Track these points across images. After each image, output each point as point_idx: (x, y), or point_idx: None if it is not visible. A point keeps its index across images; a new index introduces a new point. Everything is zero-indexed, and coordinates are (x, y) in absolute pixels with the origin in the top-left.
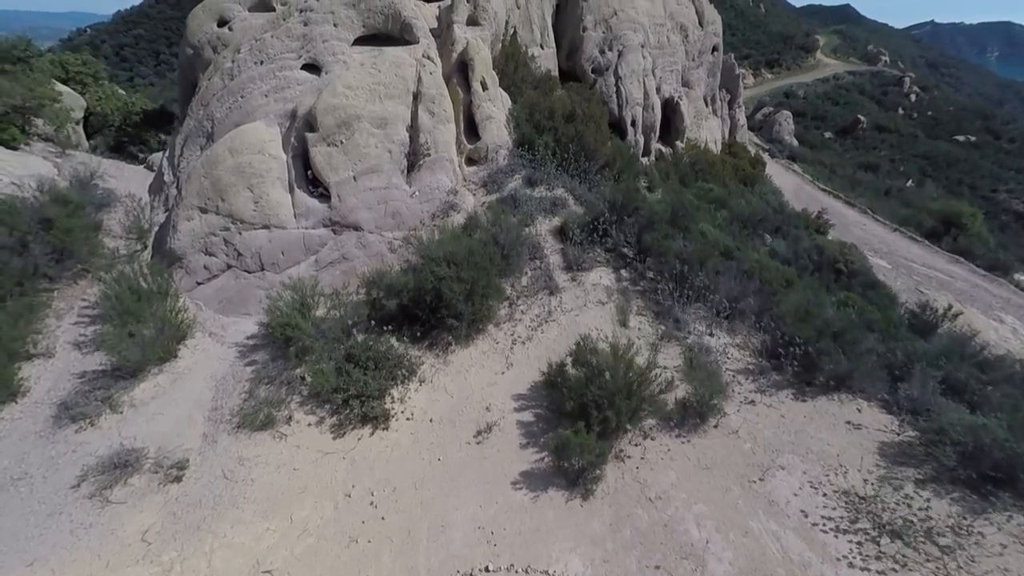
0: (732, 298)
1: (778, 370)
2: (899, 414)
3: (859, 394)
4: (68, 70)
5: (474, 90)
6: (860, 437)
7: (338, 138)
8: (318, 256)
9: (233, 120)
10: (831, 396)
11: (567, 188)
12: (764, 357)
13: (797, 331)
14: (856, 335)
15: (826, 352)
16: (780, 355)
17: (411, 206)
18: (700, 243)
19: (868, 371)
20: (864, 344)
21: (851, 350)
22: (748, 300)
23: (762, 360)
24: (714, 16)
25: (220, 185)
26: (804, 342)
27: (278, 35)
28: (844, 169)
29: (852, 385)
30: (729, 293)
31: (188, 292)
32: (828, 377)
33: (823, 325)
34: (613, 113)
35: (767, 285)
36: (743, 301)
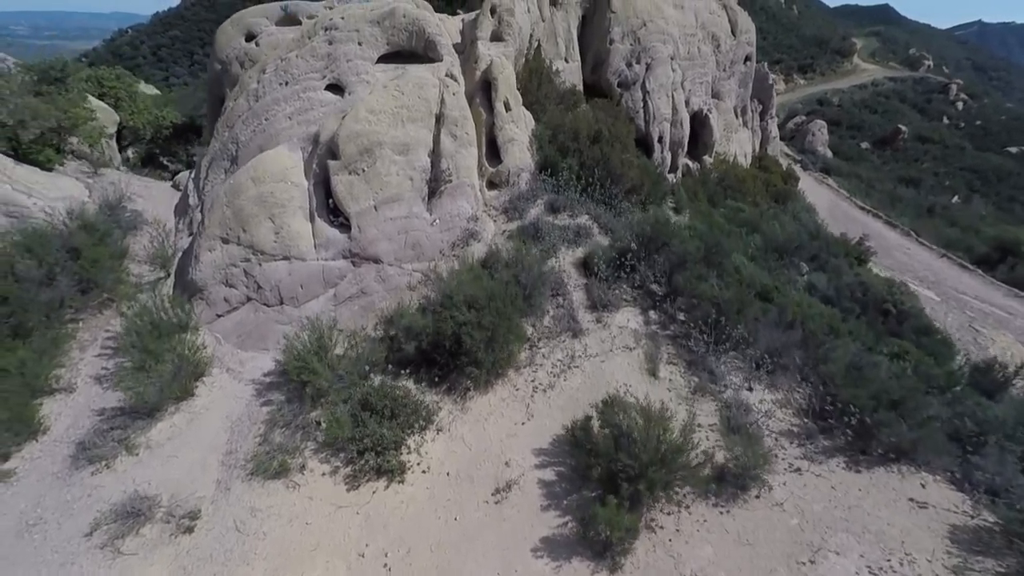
0: (773, 350)
1: (827, 433)
2: (972, 492)
3: (923, 467)
4: (103, 85)
5: (497, 111)
6: (926, 518)
7: (360, 166)
8: (336, 290)
9: (257, 144)
10: (890, 468)
11: (591, 215)
12: (810, 418)
13: (850, 396)
14: (918, 401)
15: (885, 424)
16: (828, 416)
17: (431, 235)
18: (736, 286)
19: (934, 443)
20: (927, 410)
21: (912, 417)
22: (791, 352)
23: (808, 421)
24: (748, 24)
25: (242, 215)
26: (859, 410)
27: (303, 55)
28: (883, 183)
29: (915, 457)
30: (769, 344)
31: (208, 324)
32: (886, 448)
33: (879, 389)
34: (639, 129)
35: (811, 334)
36: (785, 356)
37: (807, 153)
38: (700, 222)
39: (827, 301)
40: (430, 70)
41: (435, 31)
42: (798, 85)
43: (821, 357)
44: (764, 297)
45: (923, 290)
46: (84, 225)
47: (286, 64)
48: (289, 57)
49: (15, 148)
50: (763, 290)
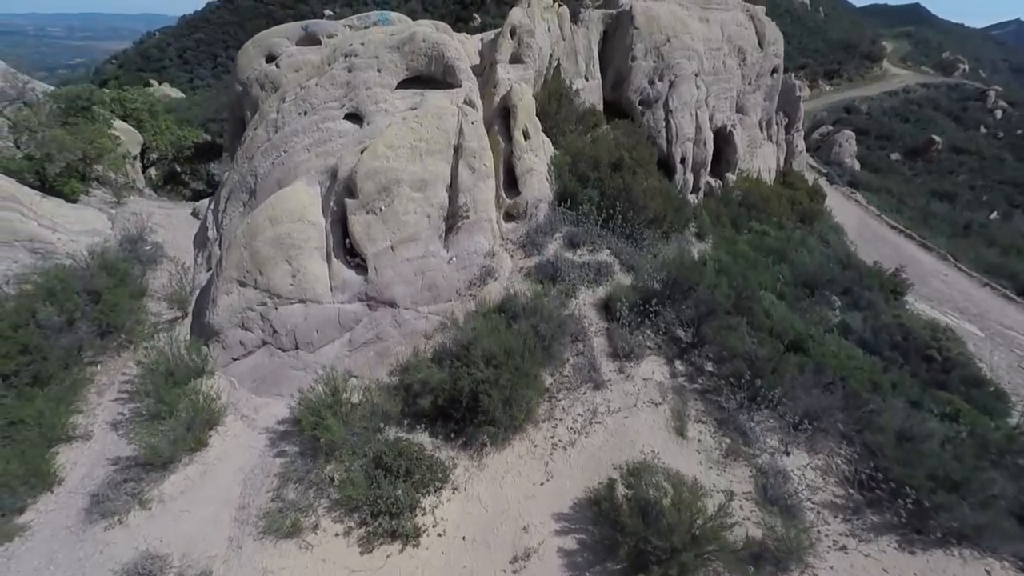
0: (811, 411)
1: (875, 507)
2: None
3: (988, 552)
4: (127, 107)
5: (515, 140)
6: None
7: (378, 205)
8: (352, 335)
9: (275, 177)
10: (950, 551)
11: (612, 250)
12: (856, 488)
13: (904, 475)
14: (980, 480)
15: (945, 508)
16: (876, 486)
17: (448, 275)
18: (770, 342)
19: (1000, 528)
20: (990, 489)
21: (974, 496)
22: (832, 413)
23: (853, 492)
24: (776, 36)
25: (259, 258)
26: (914, 491)
27: (322, 83)
28: (915, 199)
29: (979, 541)
30: (808, 405)
31: (224, 368)
32: (946, 531)
33: (935, 466)
34: (661, 149)
35: (852, 392)
36: (826, 417)
37: (833, 165)
38: (724, 252)
39: (863, 344)
40: (448, 97)
41: (454, 55)
42: (823, 92)
43: (866, 421)
44: (798, 347)
45: (964, 324)
46: (104, 265)
47: (305, 93)
48: (308, 86)
49: (42, 180)
50: (797, 339)
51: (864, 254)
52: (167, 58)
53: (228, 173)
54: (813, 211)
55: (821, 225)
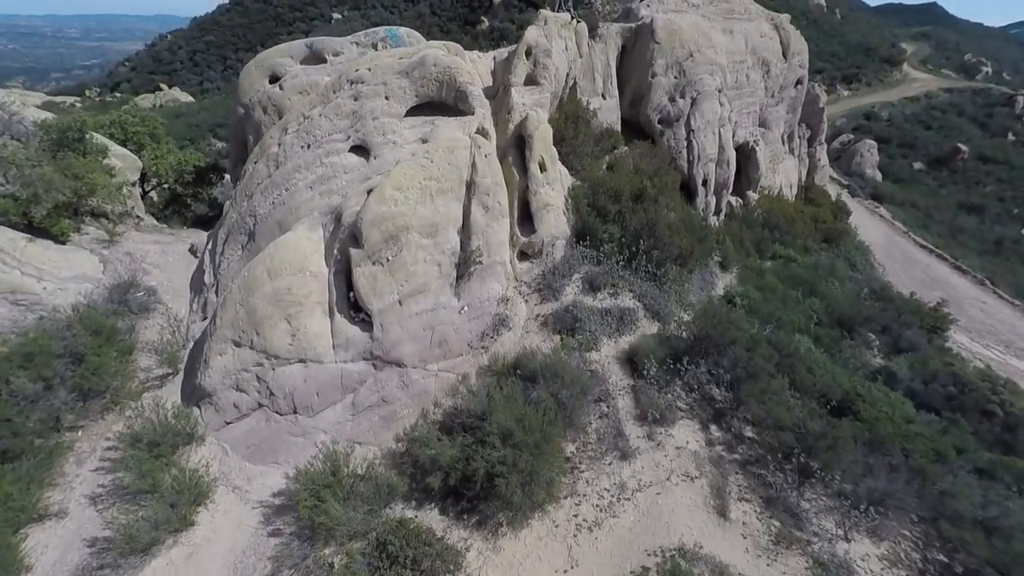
0: (873, 495)
1: None
2: None
3: None
4: (127, 131)
5: (531, 173)
6: None
7: (384, 255)
8: (356, 397)
9: (276, 219)
10: None
11: (636, 294)
12: None
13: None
14: None
15: None
16: None
17: (459, 327)
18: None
19: None
20: None
21: None
22: (895, 491)
23: None
24: (800, 45)
25: (256, 317)
26: None
27: (326, 113)
28: (941, 212)
29: None
30: (870, 489)
31: (216, 432)
32: None
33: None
34: (682, 171)
35: (916, 465)
36: (888, 496)
37: (854, 176)
38: (752, 287)
39: (912, 395)
40: (461, 126)
41: (467, 80)
42: (841, 97)
43: (938, 504)
44: (847, 407)
45: (1011, 359)
46: (89, 324)
47: (308, 125)
48: (312, 116)
49: (29, 220)
50: (845, 398)
51: (894, 276)
52: (178, 61)
53: (226, 210)
54: (838, 230)
55: (847, 245)
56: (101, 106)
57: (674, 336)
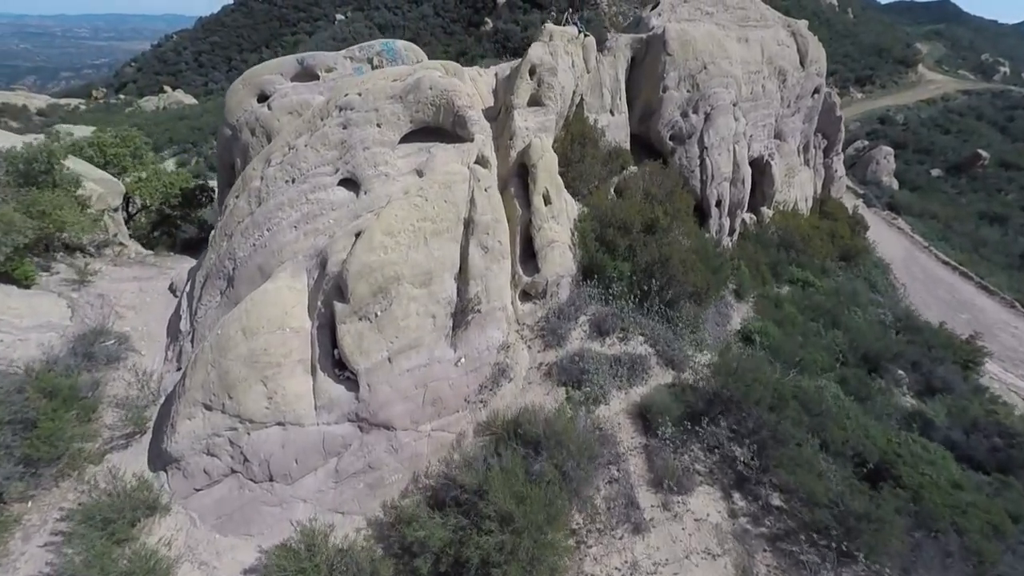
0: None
1: None
2: None
3: None
4: (106, 153)
5: (535, 207)
6: None
7: (372, 310)
8: (339, 463)
9: (256, 263)
10: None
11: (648, 337)
12: None
13: None
14: None
15: None
16: None
17: (455, 382)
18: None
19: None
20: None
21: None
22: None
23: None
24: (818, 53)
25: (228, 379)
26: None
27: (313, 143)
28: (963, 223)
29: None
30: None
31: (183, 500)
32: None
33: None
34: (694, 191)
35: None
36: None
37: (870, 185)
38: (770, 320)
39: (952, 446)
40: (459, 155)
41: (465, 103)
42: (855, 100)
43: None
44: (885, 469)
45: None
46: (44, 387)
47: (293, 156)
48: (297, 146)
49: None
50: (883, 459)
51: (916, 297)
52: (183, 62)
53: (205, 251)
54: (856, 247)
55: (865, 263)
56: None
57: (690, 388)
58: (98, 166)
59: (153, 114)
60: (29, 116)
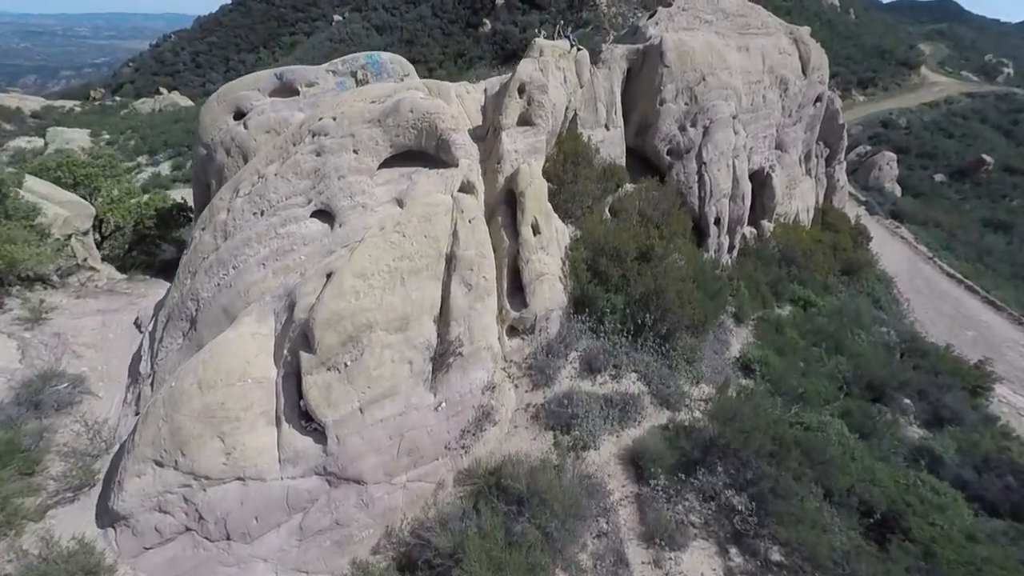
0: None
1: None
2: None
3: None
4: (75, 173)
5: (523, 238)
6: None
7: (342, 360)
8: (304, 519)
9: (221, 304)
10: None
11: (641, 374)
12: None
13: None
14: None
15: None
16: None
17: (434, 428)
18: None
19: None
20: None
21: None
22: None
23: None
24: (821, 60)
25: (181, 436)
26: None
27: (284, 172)
28: (967, 232)
29: None
30: None
31: (132, 559)
32: None
33: None
34: (692, 208)
35: None
36: None
37: (873, 191)
38: (771, 348)
39: (962, 485)
40: (442, 181)
41: (449, 126)
42: (856, 102)
43: None
44: (894, 520)
45: None
46: None
47: (262, 186)
48: (267, 175)
49: None
50: (891, 508)
51: (921, 313)
52: (180, 62)
53: (169, 289)
54: (859, 261)
55: (868, 277)
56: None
57: (685, 431)
58: (67, 187)
59: (148, 116)
60: (23, 118)
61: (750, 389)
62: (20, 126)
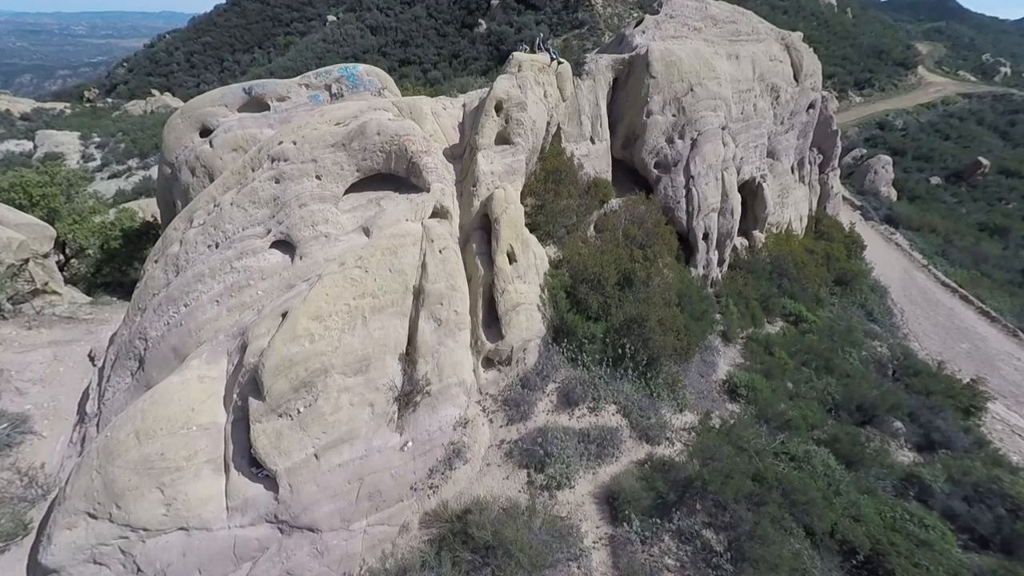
0: None
1: None
2: None
3: None
4: (31, 194)
5: (498, 267)
6: None
7: (294, 406)
8: (253, 570)
9: (171, 344)
10: None
11: (621, 406)
12: None
13: None
14: None
15: None
16: None
17: (399, 470)
18: None
19: None
20: None
21: None
22: None
23: None
24: (814, 66)
25: (116, 488)
26: None
27: (240, 200)
28: (962, 237)
29: None
30: None
31: None
32: None
33: None
34: (680, 223)
35: None
36: None
37: (868, 196)
38: (759, 372)
39: (952, 517)
40: (412, 208)
41: (420, 148)
42: (853, 103)
43: None
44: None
45: None
46: None
47: (217, 216)
48: (222, 203)
49: None
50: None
51: (915, 323)
52: (175, 62)
53: (119, 327)
54: (852, 271)
55: (862, 288)
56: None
57: (663, 470)
58: (24, 209)
59: (140, 118)
60: (12, 121)
61: (732, 422)
62: (9, 129)
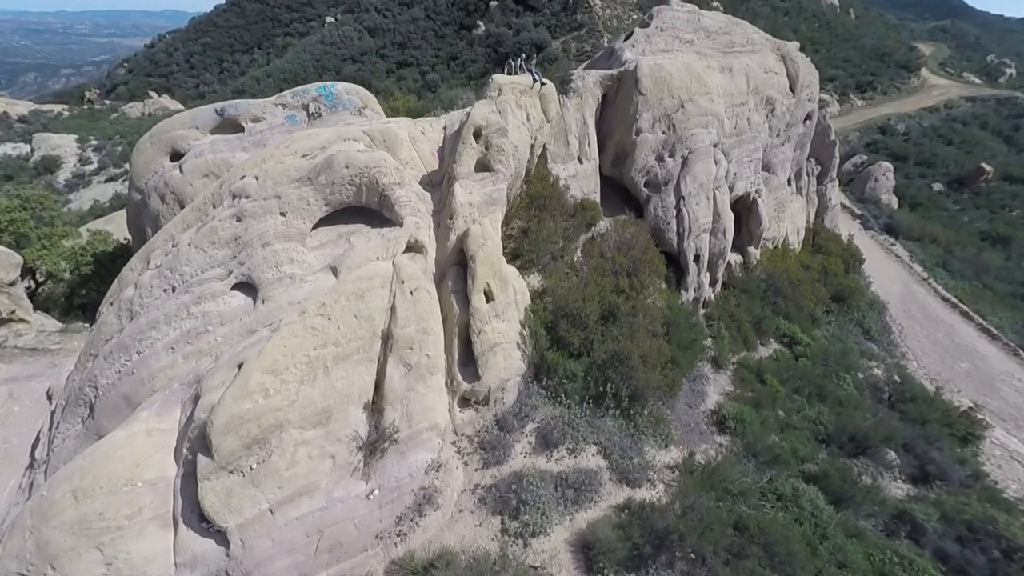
0: None
1: None
2: None
3: None
4: None
5: (474, 307)
6: None
7: (246, 463)
8: None
9: (121, 392)
10: None
11: (601, 447)
12: None
13: None
14: None
15: None
16: None
17: (363, 520)
18: None
19: None
20: None
21: None
22: None
23: None
24: (810, 76)
25: (50, 550)
26: None
27: (199, 241)
28: (964, 247)
29: None
30: None
31: None
32: None
33: None
34: (670, 244)
35: None
36: None
37: (868, 203)
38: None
39: (943, 558)
40: (384, 245)
41: (393, 180)
42: (855, 107)
43: None
44: None
45: None
46: None
47: (175, 258)
48: (180, 244)
49: None
50: None
51: (913, 341)
52: (174, 63)
53: (71, 371)
54: (849, 287)
55: (859, 304)
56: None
57: (642, 514)
58: None
59: (137, 121)
60: (10, 123)
61: (717, 461)
62: (7, 132)
